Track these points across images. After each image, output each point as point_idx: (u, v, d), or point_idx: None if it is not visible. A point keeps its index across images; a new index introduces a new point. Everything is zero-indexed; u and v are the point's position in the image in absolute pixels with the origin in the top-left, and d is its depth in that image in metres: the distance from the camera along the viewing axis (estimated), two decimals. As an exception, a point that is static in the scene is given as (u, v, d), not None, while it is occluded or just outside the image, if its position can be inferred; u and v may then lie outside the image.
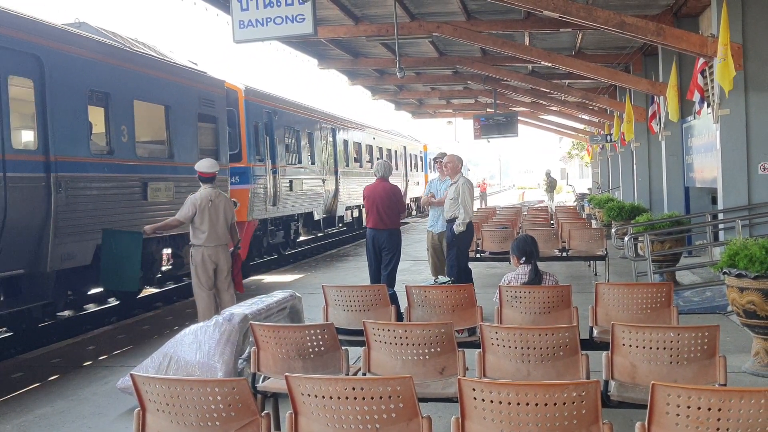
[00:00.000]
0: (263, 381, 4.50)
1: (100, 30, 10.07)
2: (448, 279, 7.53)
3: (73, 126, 8.19)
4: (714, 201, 11.76)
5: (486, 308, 5.65)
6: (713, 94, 9.49)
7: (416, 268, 12.65)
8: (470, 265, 9.00)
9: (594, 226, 13.38)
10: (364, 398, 2.97)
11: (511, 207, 22.25)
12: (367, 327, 4.27)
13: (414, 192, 29.08)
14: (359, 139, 22.43)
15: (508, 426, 2.85)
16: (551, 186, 36.51)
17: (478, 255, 10.45)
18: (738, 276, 5.63)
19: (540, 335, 4.00)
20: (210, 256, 7.66)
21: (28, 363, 7.29)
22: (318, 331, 4.35)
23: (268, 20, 8.50)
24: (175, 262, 11.82)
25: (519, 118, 21.74)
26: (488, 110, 23.91)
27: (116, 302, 11.26)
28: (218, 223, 7.68)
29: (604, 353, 3.99)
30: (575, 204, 25.47)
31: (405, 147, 29.21)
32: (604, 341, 4.67)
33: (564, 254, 10.39)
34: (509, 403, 2.83)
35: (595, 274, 11.37)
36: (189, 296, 11.17)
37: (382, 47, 14.87)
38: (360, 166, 21.84)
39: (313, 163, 17.51)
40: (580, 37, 14.18)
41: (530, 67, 17.54)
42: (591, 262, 11.55)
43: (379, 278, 8.68)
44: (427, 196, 9.56)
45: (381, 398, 2.97)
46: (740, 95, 9.13)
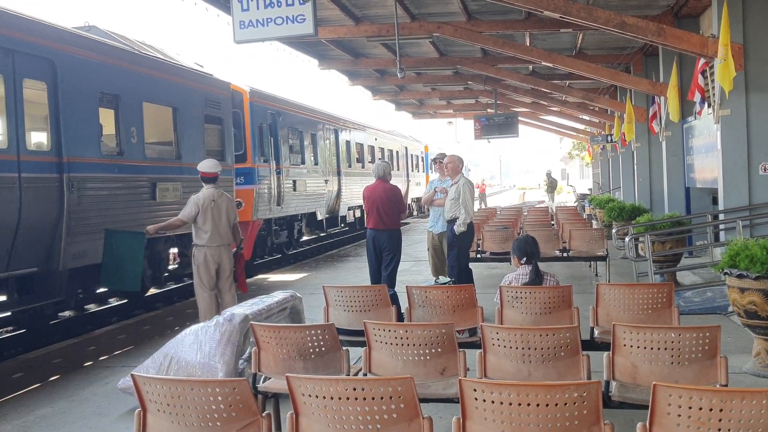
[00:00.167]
0: (264, 381, 4.50)
1: (109, 33, 10.21)
2: (449, 279, 7.51)
3: (85, 127, 8.36)
4: (715, 201, 11.75)
5: (487, 309, 5.64)
6: (714, 95, 9.49)
7: (417, 269, 12.65)
8: (471, 266, 8.99)
9: (595, 227, 13.35)
10: (365, 399, 2.97)
11: (512, 207, 22.22)
12: (368, 327, 4.27)
13: (415, 192, 29.12)
14: (361, 140, 22.51)
15: (510, 426, 2.85)
16: (552, 186, 36.53)
17: (479, 255, 10.45)
18: (739, 276, 5.63)
19: (541, 336, 4.00)
20: (213, 256, 7.67)
21: (29, 363, 7.29)
22: (319, 332, 4.35)
23: (269, 21, 8.52)
24: (182, 262, 11.88)
25: (519, 119, 21.75)
26: (489, 111, 23.93)
27: (117, 302, 11.26)
28: (221, 223, 7.71)
29: (605, 354, 3.99)
30: (576, 204, 25.46)
31: (406, 148, 29.35)
32: (605, 342, 4.68)
33: (565, 255, 10.38)
34: (510, 404, 2.83)
35: (596, 275, 11.37)
36: (190, 296, 11.18)
37: (383, 47, 14.87)
38: (362, 167, 21.90)
39: (316, 164, 17.60)
40: (581, 38, 14.19)
41: (531, 68, 17.54)
42: (592, 263, 11.55)
43: (380, 279, 8.66)
44: (429, 194, 9.52)
45: (382, 399, 2.97)
46: (741, 95, 9.13)
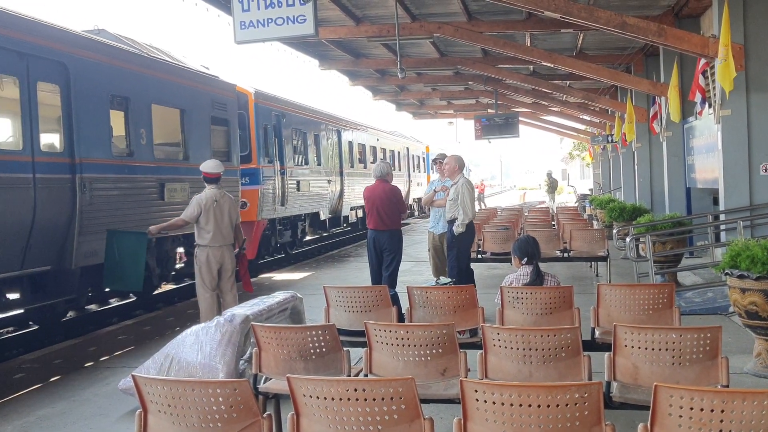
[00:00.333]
0: (265, 382, 4.50)
1: (118, 36, 10.41)
2: (450, 280, 7.50)
3: (96, 129, 8.55)
4: (715, 202, 11.75)
5: (487, 309, 5.63)
6: (715, 95, 9.49)
7: (417, 269, 12.65)
8: (471, 266, 8.97)
9: (595, 227, 13.34)
10: (366, 399, 2.97)
11: (513, 208, 22.21)
12: (369, 328, 4.27)
13: (417, 193, 29.20)
14: (363, 141, 22.68)
15: (511, 427, 2.85)
16: (552, 187, 36.52)
17: (480, 256, 10.44)
18: (740, 277, 5.62)
19: (542, 336, 3.99)
20: (215, 256, 7.70)
21: (30, 364, 7.29)
22: (319, 332, 4.34)
23: (270, 21, 8.52)
24: (189, 261, 12.02)
25: (520, 119, 21.73)
26: (489, 111, 23.92)
27: (124, 301, 11.38)
28: (223, 224, 7.74)
29: (606, 354, 3.98)
30: (576, 205, 25.45)
31: (408, 148, 29.52)
32: (606, 342, 4.67)
33: (565, 255, 10.38)
34: (511, 405, 2.82)
35: (597, 275, 11.36)
36: (190, 297, 11.18)
37: (383, 48, 14.88)
38: (364, 167, 22.03)
39: (320, 164, 17.77)
40: (582, 38, 14.18)
41: (531, 68, 17.53)
42: (592, 263, 11.54)
43: (380, 279, 8.64)
44: (430, 194, 9.50)
45: (383, 399, 2.96)
46: (742, 96, 9.12)
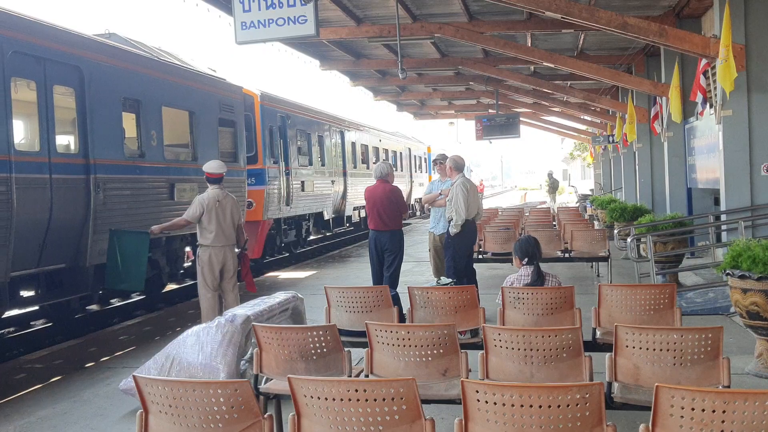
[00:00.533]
0: (266, 382, 4.50)
1: (129, 40, 10.64)
2: (451, 280, 7.48)
3: (109, 131, 8.77)
4: (717, 202, 11.73)
5: (489, 309, 5.63)
6: (716, 95, 9.48)
7: (418, 269, 12.65)
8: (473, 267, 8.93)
9: (596, 228, 13.35)
10: (367, 400, 2.96)
11: (514, 208, 22.21)
12: (370, 328, 4.26)
13: (418, 193, 29.30)
14: (366, 141, 22.88)
15: (512, 428, 2.84)
16: (553, 187, 36.50)
17: (481, 256, 10.43)
18: (741, 277, 5.61)
19: (543, 337, 3.99)
20: (217, 256, 7.73)
21: (31, 364, 7.30)
22: (320, 333, 4.34)
23: (270, 21, 8.51)
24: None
25: (521, 119, 21.73)
26: (490, 111, 23.92)
27: (123, 301, 11.41)
28: (225, 224, 7.77)
29: (608, 355, 3.98)
30: (577, 205, 25.43)
31: (410, 149, 29.71)
32: (608, 343, 4.67)
33: (566, 255, 10.37)
34: (512, 405, 2.82)
35: (598, 276, 11.35)
36: (191, 297, 11.19)
37: (384, 48, 14.87)
38: (367, 168, 22.20)
39: (323, 165, 17.96)
40: (582, 38, 14.17)
41: (532, 68, 17.52)
42: (593, 264, 11.53)
43: (382, 280, 8.62)
44: (432, 194, 9.47)
45: (384, 400, 2.96)
46: (743, 96, 9.11)
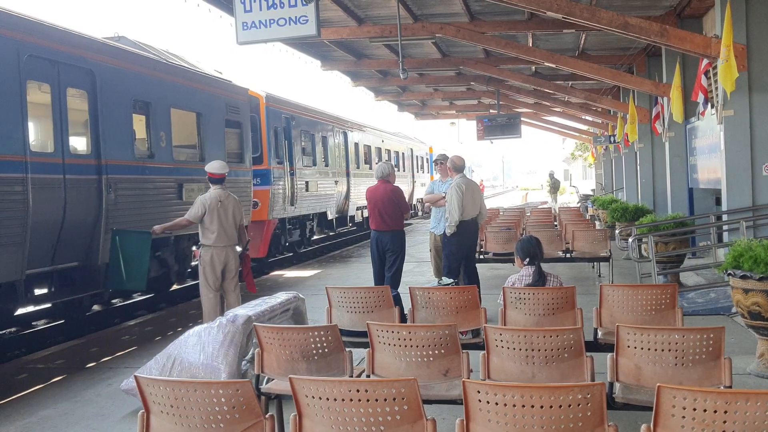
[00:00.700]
0: (267, 383, 4.50)
1: (137, 43, 10.81)
2: (452, 281, 7.48)
3: (120, 132, 8.97)
4: (718, 202, 11.72)
5: (490, 310, 5.62)
6: (717, 95, 9.47)
7: (419, 270, 12.65)
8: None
9: (598, 228, 13.34)
10: (369, 400, 2.96)
11: (515, 208, 22.19)
12: (371, 328, 4.26)
13: (420, 193, 29.39)
14: (369, 142, 23.05)
15: (513, 428, 2.84)
16: (555, 187, 36.47)
17: (482, 256, 10.43)
18: (743, 277, 5.61)
19: (544, 337, 3.99)
20: (219, 257, 7.74)
21: (32, 364, 7.30)
22: (322, 333, 4.34)
23: (272, 22, 8.51)
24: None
25: (522, 119, 21.72)
26: (491, 111, 23.90)
27: (130, 301, 11.47)
28: (227, 224, 7.78)
29: (609, 355, 3.98)
30: (579, 205, 25.42)
31: (412, 149, 29.91)
32: (609, 343, 4.66)
33: (568, 256, 10.37)
34: (514, 405, 2.82)
35: (599, 276, 11.35)
36: (192, 298, 11.19)
37: (385, 48, 14.87)
38: (370, 168, 22.32)
39: (327, 165, 18.10)
40: (584, 38, 14.16)
41: (533, 68, 17.51)
42: (595, 264, 11.53)
43: (383, 280, 8.62)
44: (433, 195, 9.46)
45: (385, 400, 2.96)
46: (744, 96, 9.10)
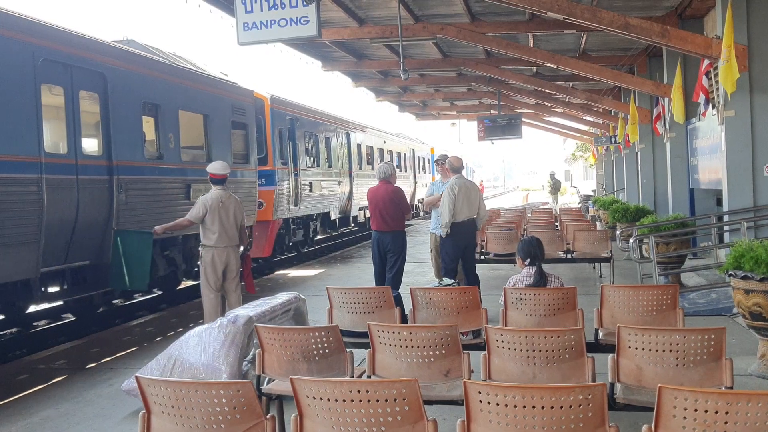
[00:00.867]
0: (268, 383, 4.50)
1: (146, 46, 10.97)
2: (453, 281, 7.48)
3: (131, 134, 9.13)
4: (719, 203, 11.72)
5: (491, 310, 5.62)
6: (718, 96, 9.46)
7: (420, 270, 12.65)
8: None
9: (599, 228, 13.34)
10: (369, 401, 2.96)
11: (516, 209, 22.18)
12: (372, 329, 4.26)
13: (422, 193, 29.39)
14: (371, 143, 23.19)
15: (514, 429, 2.84)
16: (556, 188, 36.43)
17: (483, 257, 10.42)
18: (744, 278, 5.61)
19: (545, 337, 3.98)
20: (220, 257, 7.74)
21: (33, 365, 7.30)
22: (323, 334, 4.34)
23: (273, 22, 8.52)
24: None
25: (523, 120, 21.75)
26: (492, 112, 23.88)
27: (123, 300, 11.43)
28: (228, 224, 7.79)
29: (610, 356, 3.98)
30: (580, 206, 25.40)
31: (413, 150, 30.08)
32: (610, 344, 4.66)
33: (569, 256, 10.36)
34: (515, 406, 2.82)
35: (600, 276, 11.34)
36: (193, 298, 11.19)
37: (386, 49, 14.88)
38: (372, 169, 22.38)
39: (330, 166, 18.24)
40: (585, 39, 14.16)
41: (534, 69, 17.52)
42: (596, 264, 11.52)
43: (384, 281, 8.62)
44: (435, 196, 9.45)
45: (386, 401, 2.96)
46: (745, 96, 9.10)
